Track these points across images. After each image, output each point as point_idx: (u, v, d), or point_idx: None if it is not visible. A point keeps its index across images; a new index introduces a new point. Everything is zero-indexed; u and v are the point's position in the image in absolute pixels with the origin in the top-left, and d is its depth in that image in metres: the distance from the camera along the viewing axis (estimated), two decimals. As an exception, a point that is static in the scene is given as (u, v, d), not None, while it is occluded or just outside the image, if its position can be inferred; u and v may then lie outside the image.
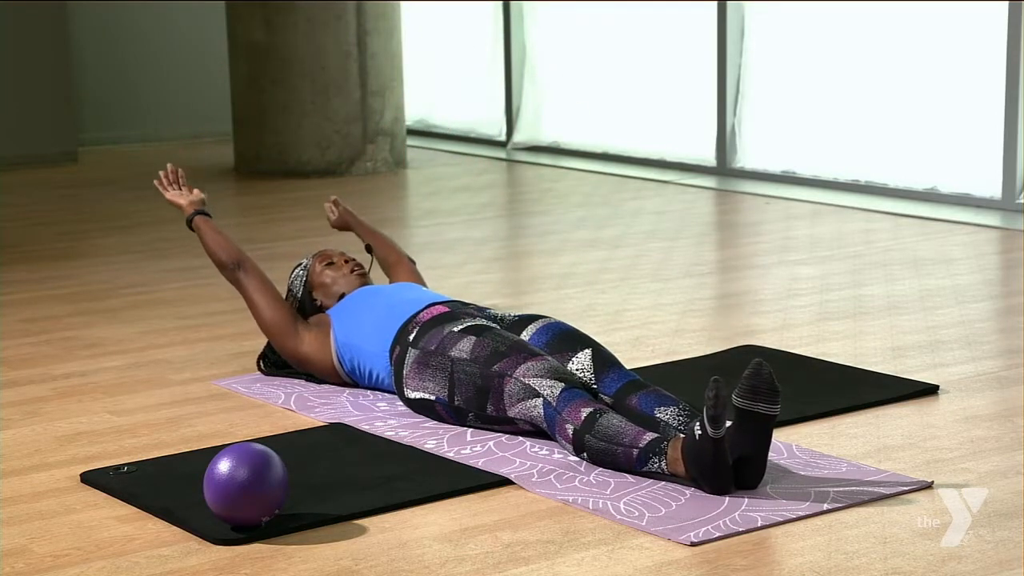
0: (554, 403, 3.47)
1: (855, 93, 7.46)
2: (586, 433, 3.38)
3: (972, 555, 2.91)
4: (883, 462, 3.45)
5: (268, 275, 4.20)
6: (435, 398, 3.72)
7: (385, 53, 8.34)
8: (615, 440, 3.34)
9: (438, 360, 3.72)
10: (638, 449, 3.31)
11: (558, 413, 3.46)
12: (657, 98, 8.44)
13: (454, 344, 3.70)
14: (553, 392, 3.49)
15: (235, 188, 8.19)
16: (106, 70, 9.78)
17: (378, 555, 2.97)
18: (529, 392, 3.53)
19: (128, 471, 3.44)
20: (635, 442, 3.32)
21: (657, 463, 3.28)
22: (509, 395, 3.57)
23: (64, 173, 8.73)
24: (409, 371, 3.78)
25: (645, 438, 3.32)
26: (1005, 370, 4.20)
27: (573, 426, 3.42)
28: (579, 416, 3.41)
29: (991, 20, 6.82)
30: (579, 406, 3.43)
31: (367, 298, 4.06)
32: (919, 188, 7.14)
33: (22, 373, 4.39)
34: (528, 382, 3.53)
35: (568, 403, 3.45)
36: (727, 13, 7.90)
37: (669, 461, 3.26)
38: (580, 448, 3.41)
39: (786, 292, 5.24)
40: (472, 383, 3.64)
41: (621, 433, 3.35)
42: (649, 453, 3.29)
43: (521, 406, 3.55)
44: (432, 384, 3.72)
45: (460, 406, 3.68)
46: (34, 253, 6.29)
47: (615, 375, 3.62)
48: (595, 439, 3.37)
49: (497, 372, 3.59)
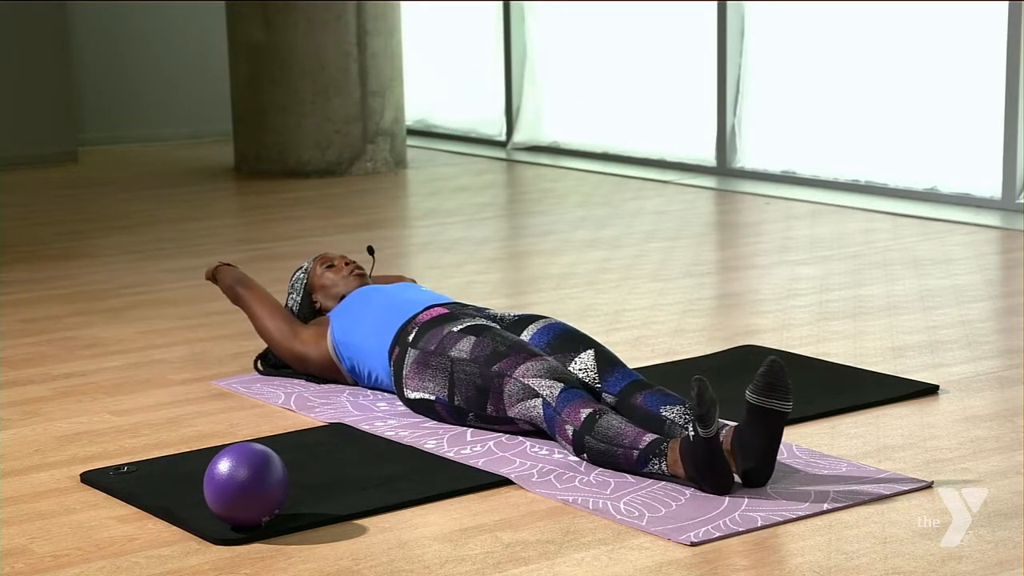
0: (553, 403, 3.47)
1: (855, 93, 7.46)
2: (586, 434, 3.39)
3: (972, 555, 2.91)
4: (883, 462, 3.45)
5: (268, 275, 4.21)
6: (435, 398, 3.73)
7: (385, 53, 8.33)
8: (615, 442, 3.34)
9: (438, 360, 3.72)
10: (638, 450, 3.31)
11: (557, 414, 3.46)
12: (657, 98, 8.44)
13: (454, 344, 3.70)
14: (552, 392, 3.49)
15: (235, 188, 8.19)
16: (106, 70, 9.78)
17: (378, 555, 2.97)
18: (528, 392, 3.53)
19: (128, 471, 3.44)
20: (635, 443, 3.32)
21: (657, 464, 3.28)
22: (508, 395, 3.57)
23: (64, 173, 8.73)
24: (409, 371, 3.78)
25: (645, 439, 3.32)
26: (1005, 370, 4.20)
27: (573, 427, 3.42)
28: (578, 417, 3.41)
29: (991, 20, 6.82)
30: (578, 407, 3.43)
31: (367, 297, 4.06)
32: (919, 188, 7.14)
33: (22, 373, 4.39)
34: (527, 382, 3.53)
35: (567, 404, 3.45)
36: (727, 13, 7.90)
37: (669, 463, 3.26)
38: (580, 449, 3.41)
39: (786, 292, 5.24)
40: (472, 383, 3.64)
41: (621, 435, 3.35)
42: (649, 455, 3.29)
43: (520, 406, 3.55)
44: (432, 384, 3.73)
45: (460, 406, 3.68)
46: (34, 253, 6.29)
47: (619, 374, 3.62)
48: (595, 440, 3.37)
49: (497, 372, 3.59)
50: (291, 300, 4.27)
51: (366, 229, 6.68)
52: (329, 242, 6.35)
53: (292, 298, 4.28)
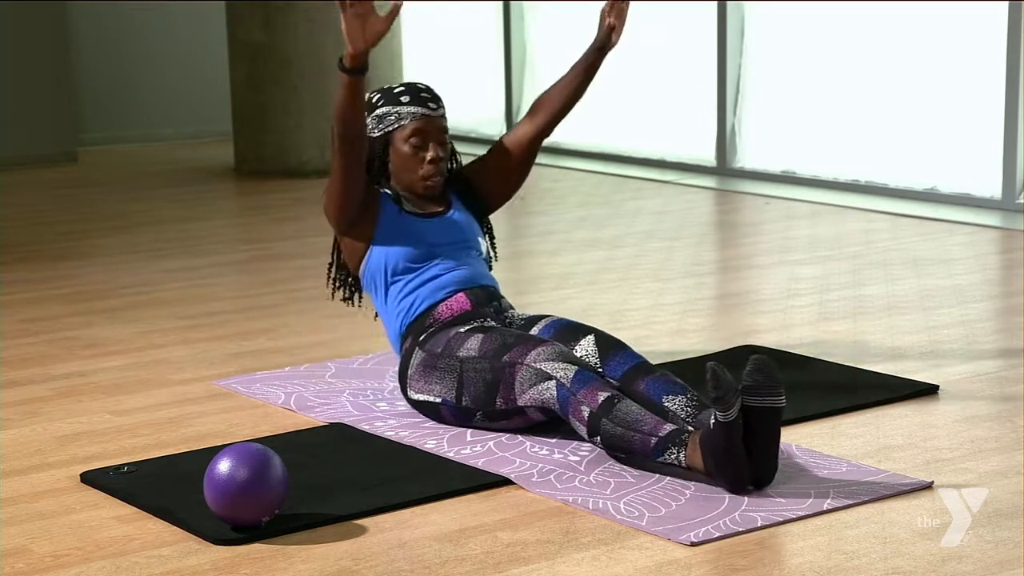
0: (568, 384, 3.44)
1: (855, 93, 7.46)
2: (603, 417, 3.36)
3: (972, 555, 2.91)
4: (883, 462, 3.45)
5: (268, 275, 4.20)
6: (440, 400, 3.71)
7: (385, 53, 8.33)
8: (634, 427, 3.32)
9: (446, 362, 3.69)
10: (657, 438, 3.29)
11: (572, 395, 3.43)
12: (657, 98, 8.44)
13: (461, 344, 3.68)
14: (567, 374, 3.46)
15: (235, 188, 8.19)
16: (106, 70, 9.78)
17: (378, 555, 2.97)
18: (541, 376, 3.50)
19: (128, 471, 3.44)
20: (655, 431, 3.30)
21: (675, 454, 3.27)
22: (520, 382, 3.54)
23: (64, 173, 8.73)
24: (414, 372, 3.76)
25: (665, 428, 3.30)
26: (1005, 370, 4.20)
27: (589, 408, 3.39)
28: (596, 399, 3.39)
29: (991, 20, 6.82)
30: (596, 389, 3.41)
31: (415, 241, 3.84)
32: (919, 188, 7.14)
33: (22, 373, 4.39)
34: (540, 366, 3.50)
35: (584, 385, 3.42)
36: (727, 13, 7.90)
37: (688, 453, 3.25)
38: (595, 431, 3.38)
39: (786, 292, 5.24)
40: (482, 379, 3.61)
41: (640, 421, 3.32)
42: (668, 443, 3.28)
43: (533, 391, 3.51)
44: (439, 387, 3.70)
45: (468, 406, 3.66)
46: (34, 253, 6.29)
47: (621, 358, 3.60)
48: (612, 424, 3.35)
49: (507, 362, 3.57)
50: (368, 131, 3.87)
51: (366, 229, 6.67)
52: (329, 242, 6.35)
53: (370, 133, 3.88)
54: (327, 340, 4.68)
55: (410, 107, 3.86)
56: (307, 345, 4.63)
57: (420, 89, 3.92)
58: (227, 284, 5.63)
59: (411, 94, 3.89)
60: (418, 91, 3.91)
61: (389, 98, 3.89)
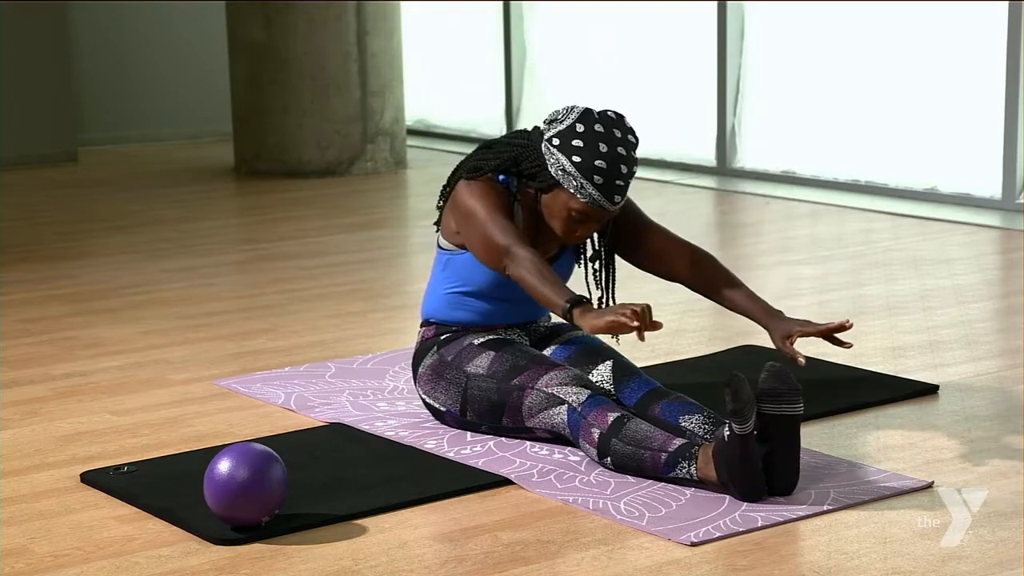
0: (579, 408, 3.42)
1: (855, 93, 7.46)
2: (613, 437, 3.34)
3: (972, 555, 2.91)
4: (883, 462, 3.45)
5: (268, 275, 4.19)
6: (446, 410, 3.70)
7: (385, 53, 8.33)
8: (643, 444, 3.30)
9: (453, 374, 3.65)
10: (667, 453, 3.26)
11: (583, 418, 3.40)
12: (657, 98, 8.43)
13: (471, 359, 3.64)
14: (579, 398, 3.43)
15: (235, 188, 8.19)
16: (106, 70, 9.77)
17: (378, 555, 2.97)
18: (553, 400, 3.47)
19: (128, 471, 3.44)
20: (664, 446, 3.27)
21: (686, 468, 3.24)
22: (529, 407, 3.52)
23: (64, 173, 8.73)
24: (424, 371, 3.73)
25: (674, 443, 3.28)
26: (1005, 370, 4.20)
27: (599, 430, 3.36)
28: (606, 420, 3.36)
29: (991, 20, 6.82)
30: (606, 411, 3.38)
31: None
32: (919, 188, 7.14)
33: (22, 373, 4.39)
34: (552, 391, 3.48)
35: (594, 408, 3.40)
36: (727, 13, 7.90)
37: (700, 465, 3.22)
38: (604, 452, 3.36)
39: (786, 292, 5.24)
40: (487, 399, 3.59)
41: (649, 438, 3.30)
42: (678, 458, 3.25)
43: (542, 415, 3.49)
44: (444, 396, 3.68)
45: (472, 420, 3.65)
46: (34, 253, 6.29)
47: (636, 384, 3.56)
48: (622, 443, 3.32)
49: (516, 386, 3.54)
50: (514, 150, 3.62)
51: (366, 229, 6.68)
52: (329, 242, 6.36)
53: (547, 160, 3.55)
54: (327, 340, 4.68)
55: (595, 192, 3.47)
56: (307, 345, 4.63)
57: (620, 174, 3.50)
58: (227, 284, 5.63)
59: (607, 178, 3.48)
60: (615, 177, 3.49)
61: (584, 162, 3.48)
